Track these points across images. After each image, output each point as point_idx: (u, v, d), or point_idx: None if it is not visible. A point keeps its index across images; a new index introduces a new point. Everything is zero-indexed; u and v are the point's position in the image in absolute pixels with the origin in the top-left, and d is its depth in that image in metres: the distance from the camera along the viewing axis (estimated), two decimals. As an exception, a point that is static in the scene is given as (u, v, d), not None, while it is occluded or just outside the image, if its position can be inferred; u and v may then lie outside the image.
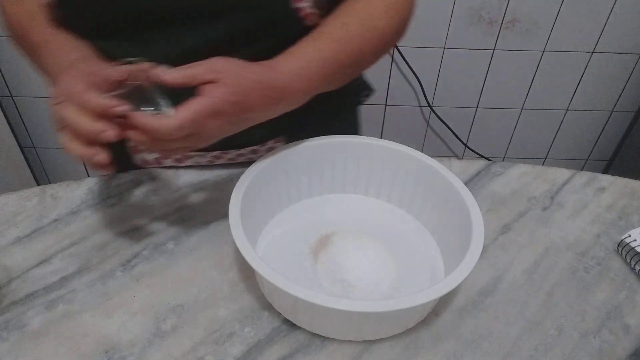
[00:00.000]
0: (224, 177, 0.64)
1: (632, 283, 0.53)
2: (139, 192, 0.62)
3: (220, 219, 0.58)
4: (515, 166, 0.68)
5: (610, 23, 1.35)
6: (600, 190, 0.65)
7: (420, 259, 0.54)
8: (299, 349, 0.46)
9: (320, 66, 0.51)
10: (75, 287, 0.51)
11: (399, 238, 0.57)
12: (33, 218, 0.58)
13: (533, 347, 0.47)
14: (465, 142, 1.60)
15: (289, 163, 0.56)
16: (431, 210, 0.56)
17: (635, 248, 0.54)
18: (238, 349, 0.46)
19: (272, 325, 0.48)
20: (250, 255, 0.43)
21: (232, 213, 0.47)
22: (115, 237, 0.56)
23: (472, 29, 1.36)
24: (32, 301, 0.49)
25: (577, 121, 1.57)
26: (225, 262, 0.54)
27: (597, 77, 1.47)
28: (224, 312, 0.49)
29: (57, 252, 0.54)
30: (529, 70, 1.45)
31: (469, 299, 0.51)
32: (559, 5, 1.32)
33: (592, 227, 0.60)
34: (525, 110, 1.54)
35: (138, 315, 0.48)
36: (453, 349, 0.46)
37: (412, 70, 1.42)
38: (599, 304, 0.51)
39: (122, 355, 0.45)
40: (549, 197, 0.64)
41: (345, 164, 0.59)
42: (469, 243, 0.46)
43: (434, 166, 0.54)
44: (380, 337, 0.47)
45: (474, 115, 1.55)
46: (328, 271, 0.51)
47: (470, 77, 1.46)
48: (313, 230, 0.56)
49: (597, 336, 0.48)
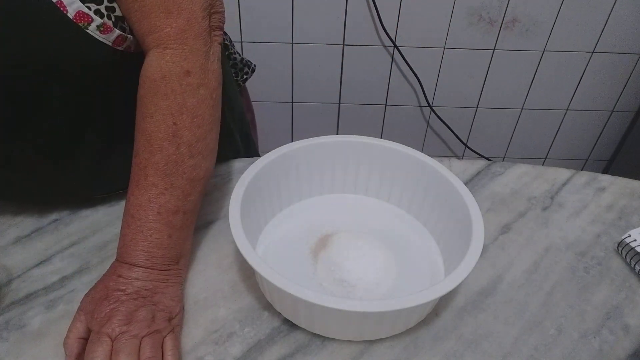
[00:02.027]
0: (224, 177, 0.64)
1: (632, 283, 0.53)
2: (139, 192, 0.62)
3: (220, 219, 0.58)
4: (515, 166, 0.68)
5: (610, 23, 1.35)
6: (600, 190, 0.65)
7: (420, 259, 0.54)
8: (299, 349, 0.46)
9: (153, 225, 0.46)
10: (75, 287, 0.51)
11: (399, 238, 0.57)
12: (33, 218, 0.58)
13: (533, 347, 0.47)
14: (465, 142, 1.60)
15: (289, 163, 0.56)
16: (431, 210, 0.56)
17: (635, 248, 0.54)
18: (238, 349, 0.46)
19: (272, 325, 0.48)
20: (250, 255, 0.43)
21: (232, 213, 0.47)
22: (115, 237, 0.56)
23: (472, 29, 1.36)
24: (32, 301, 0.49)
25: (577, 121, 1.57)
26: (225, 262, 0.53)
27: (597, 77, 1.47)
28: (224, 312, 0.49)
29: (57, 252, 0.54)
30: (529, 70, 1.45)
31: (469, 299, 0.51)
32: (559, 5, 1.32)
33: (592, 227, 0.60)
34: (525, 110, 1.54)
35: (138, 315, 0.48)
36: (453, 349, 0.46)
37: (412, 70, 1.42)
38: (599, 304, 0.51)
39: (122, 355, 0.45)
40: (549, 197, 0.64)
41: (345, 164, 0.59)
42: (469, 243, 0.46)
43: (434, 166, 0.54)
44: (380, 337, 0.47)
45: (474, 115, 1.55)
46: (328, 271, 0.51)
47: (470, 77, 1.46)
48: (313, 230, 0.56)
49: (597, 336, 0.48)
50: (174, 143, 0.46)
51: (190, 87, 0.46)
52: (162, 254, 0.46)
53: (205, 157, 0.49)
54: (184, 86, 0.46)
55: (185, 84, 0.46)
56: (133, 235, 0.46)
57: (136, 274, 0.45)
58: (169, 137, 0.46)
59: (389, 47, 1.38)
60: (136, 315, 0.43)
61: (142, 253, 0.46)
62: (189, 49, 0.46)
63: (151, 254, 0.46)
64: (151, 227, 0.46)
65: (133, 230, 0.46)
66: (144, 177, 0.46)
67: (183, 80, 0.46)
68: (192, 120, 0.47)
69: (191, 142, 0.47)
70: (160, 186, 0.46)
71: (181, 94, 0.46)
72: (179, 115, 0.46)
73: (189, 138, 0.47)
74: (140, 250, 0.46)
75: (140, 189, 0.46)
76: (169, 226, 0.47)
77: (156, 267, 0.46)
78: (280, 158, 0.55)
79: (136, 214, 0.46)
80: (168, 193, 0.46)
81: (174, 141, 0.46)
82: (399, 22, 1.34)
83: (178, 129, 0.46)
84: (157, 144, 0.46)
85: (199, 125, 0.47)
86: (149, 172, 0.46)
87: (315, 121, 1.52)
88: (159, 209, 0.46)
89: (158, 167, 0.46)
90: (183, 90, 0.46)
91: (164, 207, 0.46)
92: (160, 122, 0.46)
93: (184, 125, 0.46)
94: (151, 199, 0.46)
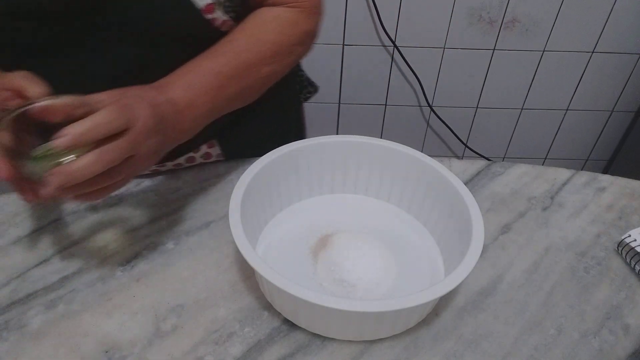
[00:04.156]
0: (224, 177, 0.64)
1: (632, 283, 0.53)
2: (139, 192, 0.62)
3: (220, 219, 0.58)
4: (515, 166, 0.68)
5: (610, 23, 1.35)
6: (600, 190, 0.65)
7: (420, 259, 0.54)
8: (299, 349, 0.46)
9: (206, 80, 0.50)
10: (75, 287, 0.51)
11: (399, 238, 0.57)
12: (33, 218, 0.58)
13: (533, 347, 0.47)
14: (465, 142, 1.60)
15: (289, 163, 0.56)
16: (431, 210, 0.56)
17: (635, 248, 0.54)
18: (238, 349, 0.46)
19: (272, 325, 0.48)
20: (250, 255, 0.43)
21: (232, 213, 0.47)
22: (115, 237, 0.56)
23: (472, 29, 1.36)
24: (32, 301, 0.49)
25: (577, 121, 1.58)
26: (225, 262, 0.54)
27: (597, 77, 1.47)
28: (224, 312, 0.49)
29: (57, 252, 0.54)
30: (529, 70, 1.45)
31: (469, 299, 0.51)
32: (559, 5, 1.32)
33: (592, 227, 0.60)
34: (525, 110, 1.54)
35: (138, 315, 0.48)
36: (453, 349, 0.46)
37: (412, 70, 1.42)
38: (599, 304, 0.51)
39: (122, 355, 0.45)
40: (549, 197, 0.64)
41: (345, 164, 0.59)
42: (469, 243, 0.46)
43: (434, 166, 0.54)
44: (380, 337, 0.47)
45: (474, 115, 1.55)
46: (328, 271, 0.51)
47: (470, 77, 1.46)
48: (313, 230, 0.56)
49: (597, 336, 0.48)
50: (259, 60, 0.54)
51: (293, 36, 0.55)
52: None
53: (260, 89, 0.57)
54: (286, 28, 0.54)
55: (289, 28, 0.55)
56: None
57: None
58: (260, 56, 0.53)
59: (389, 47, 1.38)
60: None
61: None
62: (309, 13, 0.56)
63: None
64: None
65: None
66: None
67: (289, 26, 0.54)
68: (275, 57, 0.54)
69: (269, 74, 0.55)
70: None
71: (282, 33, 0.54)
72: (269, 46, 0.54)
73: (267, 70, 0.54)
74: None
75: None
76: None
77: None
78: (280, 158, 0.55)
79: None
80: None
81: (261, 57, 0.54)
82: (399, 22, 1.34)
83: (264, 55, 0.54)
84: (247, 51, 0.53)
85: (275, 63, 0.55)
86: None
87: (316, 121, 1.52)
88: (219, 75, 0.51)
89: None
90: (286, 32, 0.54)
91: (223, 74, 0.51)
92: (257, 43, 0.53)
93: (271, 55, 0.54)
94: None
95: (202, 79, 0.50)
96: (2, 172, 0.39)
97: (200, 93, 0.49)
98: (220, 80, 0.51)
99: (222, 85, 0.51)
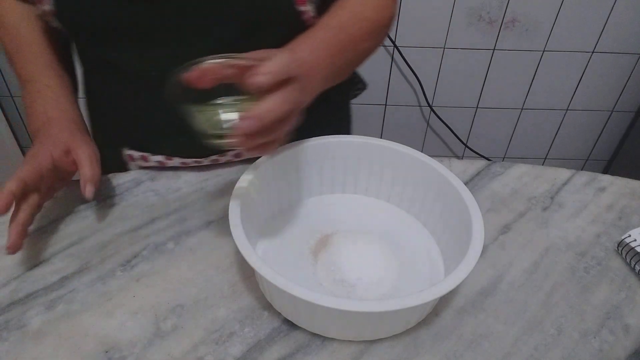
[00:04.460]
0: (224, 177, 0.64)
1: (632, 283, 0.53)
2: (139, 192, 0.62)
3: (220, 219, 0.58)
4: (515, 166, 0.68)
5: (610, 23, 1.35)
6: (600, 190, 0.65)
7: (420, 259, 0.54)
8: (299, 349, 0.46)
9: (323, 47, 0.51)
10: (75, 287, 0.51)
11: (399, 238, 0.57)
12: (33, 218, 0.58)
13: (533, 347, 0.47)
14: (465, 142, 1.60)
15: (289, 163, 0.56)
16: (431, 210, 0.56)
17: (635, 248, 0.54)
18: (238, 349, 0.46)
19: (272, 325, 0.48)
20: (250, 255, 0.43)
21: (232, 213, 0.47)
22: (115, 237, 0.56)
23: (472, 29, 1.36)
24: (32, 301, 0.49)
25: (577, 121, 1.58)
26: (225, 262, 0.54)
27: (597, 77, 1.47)
28: (224, 312, 0.49)
29: (57, 252, 0.54)
30: (529, 70, 1.45)
31: (469, 299, 0.51)
32: (559, 5, 1.32)
33: (592, 227, 0.60)
34: (525, 110, 1.54)
35: (138, 315, 0.48)
36: (453, 349, 0.46)
37: (412, 70, 1.42)
38: (599, 304, 0.51)
39: (122, 355, 0.45)
40: (549, 197, 0.64)
41: (345, 164, 0.59)
42: (469, 243, 0.46)
43: (434, 166, 0.54)
44: (380, 337, 0.47)
45: (474, 115, 1.55)
46: (328, 271, 0.51)
47: (470, 77, 1.46)
48: (313, 230, 0.56)
49: (597, 336, 0.48)
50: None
51: (385, 17, 0.58)
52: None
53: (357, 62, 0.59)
54: (380, 8, 0.57)
55: (382, 9, 0.57)
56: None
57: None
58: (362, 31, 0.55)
59: (389, 47, 1.38)
60: None
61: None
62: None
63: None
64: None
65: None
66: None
67: (382, 8, 0.57)
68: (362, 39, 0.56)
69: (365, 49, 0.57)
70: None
71: (378, 13, 0.57)
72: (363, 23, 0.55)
73: (365, 46, 0.57)
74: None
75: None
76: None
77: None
78: (281, 158, 0.55)
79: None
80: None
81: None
82: (399, 22, 1.34)
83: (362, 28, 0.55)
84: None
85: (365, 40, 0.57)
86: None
87: (315, 121, 1.52)
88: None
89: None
90: (381, 12, 0.57)
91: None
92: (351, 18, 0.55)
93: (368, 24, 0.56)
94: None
95: (319, 44, 0.51)
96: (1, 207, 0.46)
97: (320, 57, 0.50)
98: (330, 51, 0.51)
99: (333, 54, 0.52)
